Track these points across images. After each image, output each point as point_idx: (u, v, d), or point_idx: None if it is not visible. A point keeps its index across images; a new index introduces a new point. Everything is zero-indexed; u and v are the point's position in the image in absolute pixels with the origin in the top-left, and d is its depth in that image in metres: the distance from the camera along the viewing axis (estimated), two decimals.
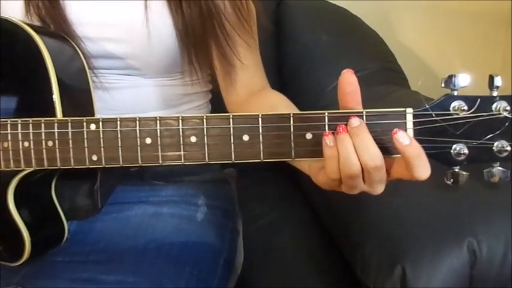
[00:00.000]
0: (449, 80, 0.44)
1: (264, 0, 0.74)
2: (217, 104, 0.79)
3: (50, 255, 0.58)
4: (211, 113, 0.79)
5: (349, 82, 0.46)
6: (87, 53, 0.59)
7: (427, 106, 0.43)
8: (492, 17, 1.40)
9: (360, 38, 1.12)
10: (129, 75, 0.65)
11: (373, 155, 0.45)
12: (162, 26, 0.61)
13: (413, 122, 0.44)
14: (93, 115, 0.59)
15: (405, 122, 0.44)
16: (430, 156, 0.43)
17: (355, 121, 0.46)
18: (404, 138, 0.44)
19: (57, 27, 0.57)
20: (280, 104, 0.67)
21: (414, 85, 1.10)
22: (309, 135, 0.45)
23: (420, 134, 0.44)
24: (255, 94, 0.69)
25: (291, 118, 0.45)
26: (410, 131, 0.44)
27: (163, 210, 0.66)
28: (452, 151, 0.44)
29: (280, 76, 1.14)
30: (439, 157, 0.44)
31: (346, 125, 0.45)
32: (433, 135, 0.44)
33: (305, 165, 0.53)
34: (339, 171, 0.46)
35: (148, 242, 0.61)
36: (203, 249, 0.64)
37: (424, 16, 1.43)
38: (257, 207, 0.95)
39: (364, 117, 0.45)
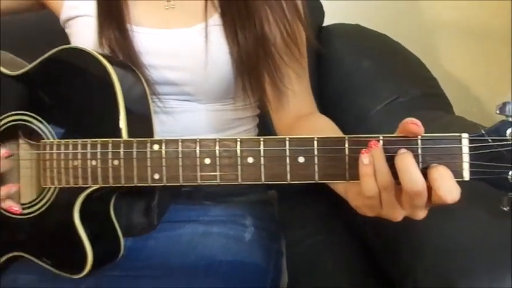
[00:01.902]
0: (503, 107, 0.45)
1: None
2: (261, 127, 0.83)
3: (107, 270, 0.61)
4: (260, 135, 0.82)
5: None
6: (150, 79, 0.64)
7: (483, 131, 0.44)
8: None
9: (402, 63, 1.13)
10: (186, 100, 0.69)
11: (415, 180, 0.45)
12: (219, 54, 0.65)
13: (469, 147, 0.45)
14: (152, 137, 0.62)
15: (460, 147, 0.45)
16: (486, 181, 0.44)
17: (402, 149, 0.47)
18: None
19: (125, 56, 0.62)
20: (327, 128, 0.69)
21: (458, 110, 1.10)
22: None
23: (476, 159, 0.44)
24: (303, 118, 0.72)
25: (346, 141, 0.47)
26: (466, 156, 0.45)
27: (212, 230, 0.69)
28: (509, 177, 0.44)
29: (321, 100, 1.16)
30: (495, 183, 0.44)
31: (378, 140, 0.47)
32: (490, 161, 0.44)
33: (342, 188, 0.54)
34: (376, 187, 0.46)
35: (198, 259, 0.63)
36: (251, 270, 0.65)
37: (464, 40, 1.42)
38: (298, 230, 0.96)
39: (419, 141, 0.46)
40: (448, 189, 0.44)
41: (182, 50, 0.64)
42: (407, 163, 0.45)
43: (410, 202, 0.46)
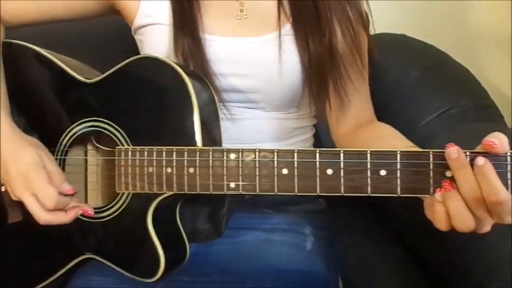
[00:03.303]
0: None
1: None
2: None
3: (176, 275, 0.62)
4: (314, 146, 0.83)
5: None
6: (219, 87, 0.65)
7: None
8: None
9: (451, 74, 1.12)
10: (250, 108, 0.70)
11: (497, 190, 0.45)
12: (291, 63, 0.66)
13: None
14: (220, 145, 0.63)
15: None
16: None
17: (480, 160, 0.47)
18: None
19: (196, 64, 0.64)
20: (387, 134, 0.69)
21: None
22: (449, 173, 0.47)
23: None
24: (363, 126, 0.73)
25: (431, 155, 0.47)
26: None
27: (274, 238, 0.69)
28: None
29: None
30: None
31: (451, 181, 0.46)
32: None
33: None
34: (448, 225, 0.47)
35: (266, 267, 0.64)
36: (316, 279, 0.66)
37: (508, 50, 1.40)
38: (347, 239, 0.96)
39: (509, 158, 0.45)
40: None
41: (255, 58, 0.66)
42: (488, 177, 0.45)
43: (496, 212, 0.45)
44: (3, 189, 0.68)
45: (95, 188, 0.68)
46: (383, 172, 0.49)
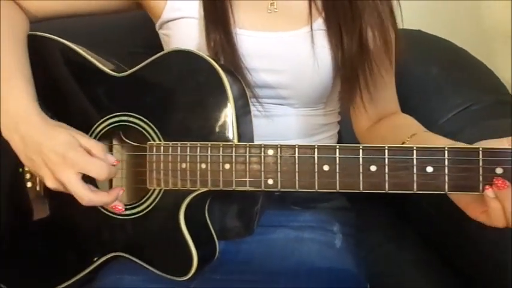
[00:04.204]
0: None
1: None
2: None
3: (207, 273, 0.61)
4: (339, 142, 0.82)
5: None
6: (251, 82, 0.64)
7: None
8: None
9: (470, 70, 1.10)
10: (278, 104, 0.69)
11: None
12: (323, 59, 0.64)
13: None
14: (252, 141, 0.62)
15: None
16: None
17: None
18: None
19: (227, 59, 0.62)
20: (407, 124, 0.69)
21: None
22: (499, 170, 0.45)
23: None
24: (386, 117, 0.73)
25: (480, 152, 0.46)
26: None
27: (304, 235, 0.68)
28: None
29: None
30: None
31: (504, 179, 0.45)
32: None
33: (461, 201, 0.52)
34: (506, 221, 0.46)
35: (297, 265, 0.63)
36: (347, 277, 0.65)
37: None
38: (370, 236, 0.95)
39: None
40: None
41: (286, 53, 0.64)
42: None
43: None
44: (29, 185, 0.67)
45: (119, 184, 0.66)
46: (430, 169, 0.48)
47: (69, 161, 0.55)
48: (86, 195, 0.55)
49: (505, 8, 1.34)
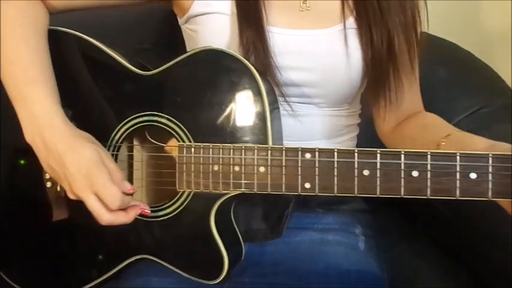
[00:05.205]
0: None
1: None
2: None
3: (236, 276, 0.61)
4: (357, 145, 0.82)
5: None
6: (280, 81, 0.62)
7: None
8: None
9: (477, 72, 1.11)
10: (303, 103, 0.68)
11: None
12: (355, 57, 0.64)
13: None
14: (281, 141, 0.61)
15: None
16: None
17: None
18: None
19: (258, 57, 0.61)
20: (437, 123, 0.69)
21: None
22: None
23: None
24: (411, 116, 0.73)
25: None
26: None
27: (328, 238, 0.68)
28: None
29: None
30: None
31: None
32: None
33: (509, 206, 0.52)
34: None
35: (326, 267, 0.62)
36: (373, 279, 0.65)
37: None
38: (383, 237, 0.95)
39: None
40: None
41: (318, 52, 0.64)
42: None
43: None
44: (48, 185, 0.65)
45: (139, 185, 0.65)
46: (473, 175, 0.48)
47: (91, 179, 0.53)
48: (105, 217, 0.53)
49: (505, 8, 1.36)
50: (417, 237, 0.96)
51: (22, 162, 0.65)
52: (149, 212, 0.59)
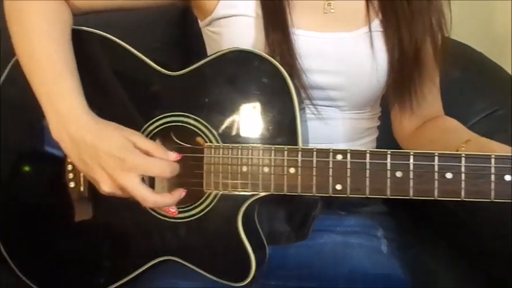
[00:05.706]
0: None
1: None
2: None
3: (261, 279, 0.60)
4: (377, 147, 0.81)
5: None
6: (306, 84, 0.62)
7: None
8: None
9: (490, 74, 1.11)
10: (326, 106, 0.67)
11: None
12: (381, 61, 0.64)
13: None
14: (307, 143, 0.61)
15: None
16: None
17: None
18: None
19: (284, 59, 0.60)
20: (457, 128, 0.69)
21: None
22: None
23: None
24: (431, 120, 0.72)
25: None
26: None
27: (351, 240, 0.67)
28: None
29: None
30: None
31: None
32: None
33: None
34: None
35: (351, 271, 0.62)
36: (397, 282, 0.64)
37: None
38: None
39: None
40: None
41: (343, 54, 0.63)
42: None
43: None
44: (72, 185, 0.64)
45: (164, 186, 0.64)
46: (508, 177, 0.47)
47: (129, 164, 0.53)
48: (151, 197, 0.53)
49: (504, 9, 1.36)
50: (431, 239, 0.96)
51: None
52: (176, 212, 0.58)
